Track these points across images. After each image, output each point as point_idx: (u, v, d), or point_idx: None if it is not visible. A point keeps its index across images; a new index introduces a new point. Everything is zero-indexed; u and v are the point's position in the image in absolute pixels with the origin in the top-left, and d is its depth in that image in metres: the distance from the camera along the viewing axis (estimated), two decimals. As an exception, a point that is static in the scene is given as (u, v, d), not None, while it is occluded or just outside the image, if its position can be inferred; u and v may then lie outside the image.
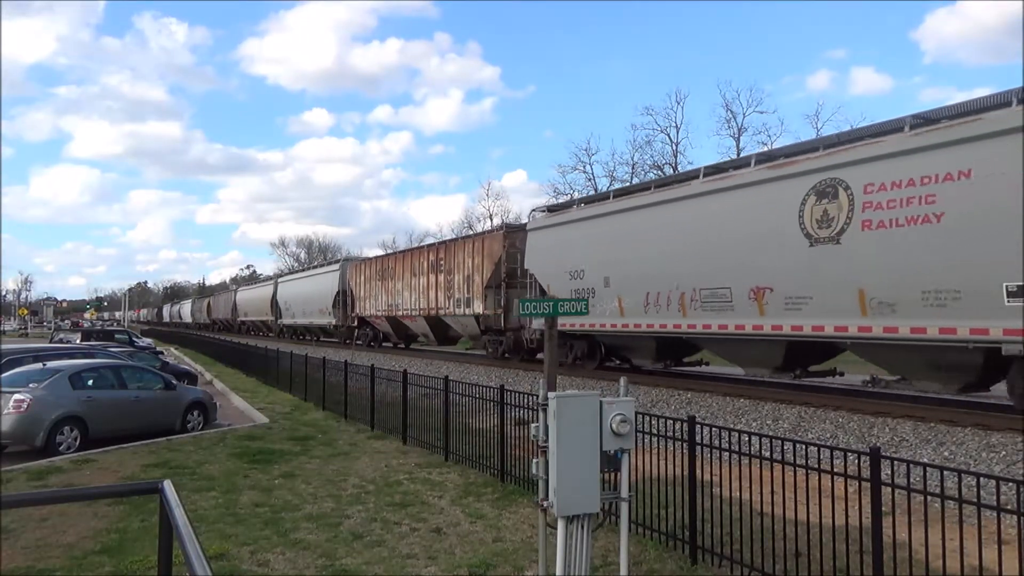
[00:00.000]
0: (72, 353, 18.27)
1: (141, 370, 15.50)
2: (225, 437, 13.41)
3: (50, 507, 7.98)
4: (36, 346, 23.07)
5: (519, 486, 9.21)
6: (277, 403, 18.79)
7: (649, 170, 55.43)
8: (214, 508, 8.50)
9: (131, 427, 13.50)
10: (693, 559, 6.59)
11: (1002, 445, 9.99)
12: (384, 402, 14.12)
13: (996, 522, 5.07)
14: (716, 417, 13.21)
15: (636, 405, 5.60)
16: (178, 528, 2.59)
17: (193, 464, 10.96)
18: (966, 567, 4.78)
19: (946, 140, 11.12)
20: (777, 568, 5.92)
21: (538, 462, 5.29)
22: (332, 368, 17.35)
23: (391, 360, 26.87)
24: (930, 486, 5.08)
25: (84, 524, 7.78)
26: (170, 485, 2.99)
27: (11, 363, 14.84)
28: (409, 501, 8.80)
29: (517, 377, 19.89)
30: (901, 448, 10.56)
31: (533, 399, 8.58)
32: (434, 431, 11.77)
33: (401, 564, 6.66)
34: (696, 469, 6.74)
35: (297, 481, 9.92)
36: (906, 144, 11.67)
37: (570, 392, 5.32)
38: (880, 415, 12.21)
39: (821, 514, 5.58)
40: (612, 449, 5.18)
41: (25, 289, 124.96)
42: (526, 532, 7.45)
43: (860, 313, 12.26)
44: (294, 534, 7.52)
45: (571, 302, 7.39)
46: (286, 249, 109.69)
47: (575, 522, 5.09)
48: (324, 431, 14.21)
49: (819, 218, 12.87)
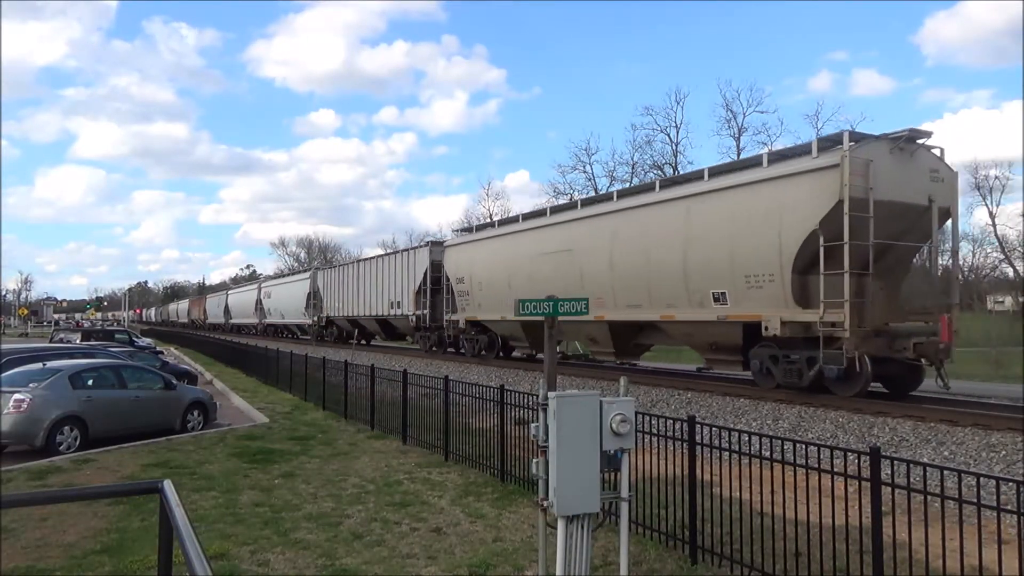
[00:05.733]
0: (72, 353, 18.26)
1: (141, 370, 15.49)
2: (225, 437, 13.41)
3: (50, 507, 7.98)
4: (36, 346, 23.06)
5: (519, 486, 9.21)
6: (277, 403, 18.79)
7: (649, 170, 55.44)
8: (214, 508, 8.49)
9: (131, 427, 13.50)
10: (693, 559, 6.59)
11: (1002, 445, 9.99)
12: (384, 402, 14.12)
13: (996, 522, 5.07)
14: (716, 417, 13.21)
15: (636, 405, 5.60)
16: (178, 528, 2.59)
17: (193, 464, 10.96)
18: (966, 567, 4.78)
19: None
20: (777, 568, 5.92)
21: (538, 462, 5.29)
22: (332, 368, 17.35)
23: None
24: (930, 486, 5.08)
25: (84, 524, 7.78)
26: (170, 485, 2.99)
27: (11, 363, 14.84)
28: (409, 501, 8.80)
29: (517, 377, 19.91)
30: (901, 448, 10.56)
31: (533, 399, 8.59)
32: (434, 431, 11.76)
33: (401, 564, 6.66)
34: (696, 469, 6.74)
35: (297, 481, 9.92)
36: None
37: (570, 392, 5.31)
38: (880, 415, 12.20)
39: (821, 514, 5.58)
40: (612, 449, 5.18)
41: (25, 289, 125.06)
42: (526, 532, 7.45)
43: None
44: (294, 534, 7.52)
45: (571, 302, 7.39)
46: (286, 249, 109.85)
47: (575, 522, 5.08)
48: (324, 431, 14.21)
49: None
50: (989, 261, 72.53)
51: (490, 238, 24.53)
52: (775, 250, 13.78)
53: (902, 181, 13.36)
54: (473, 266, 24.76)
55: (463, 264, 25.38)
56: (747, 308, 14.44)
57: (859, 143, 13.22)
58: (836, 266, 12.68)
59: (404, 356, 29.08)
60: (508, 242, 23.16)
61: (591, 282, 18.61)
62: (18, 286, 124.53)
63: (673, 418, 7.17)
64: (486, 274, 23.92)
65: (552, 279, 19.70)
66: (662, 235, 16.51)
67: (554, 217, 21.48)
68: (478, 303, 24.45)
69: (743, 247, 14.42)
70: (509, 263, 22.62)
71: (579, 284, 18.85)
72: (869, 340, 13.02)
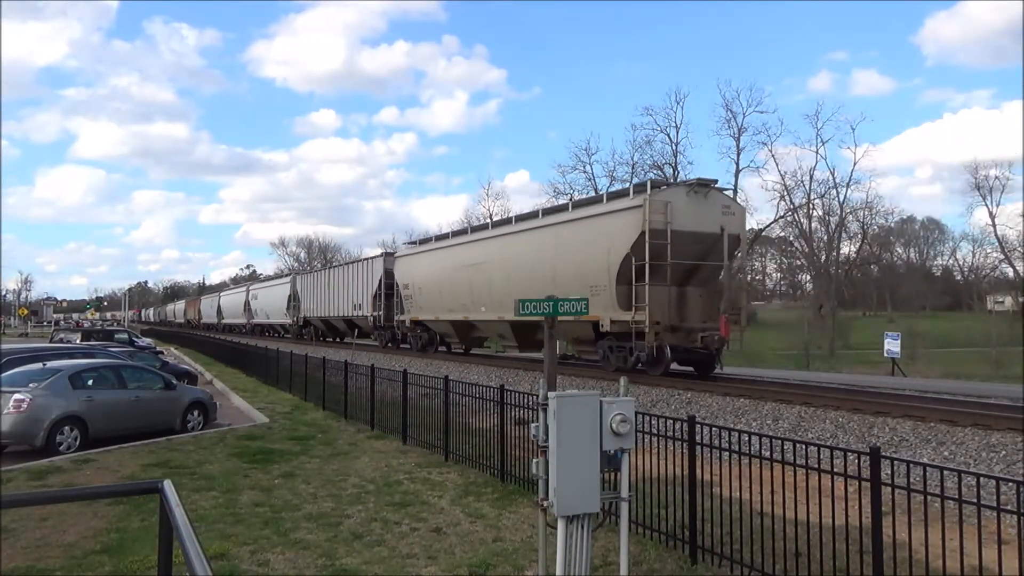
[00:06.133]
0: (72, 353, 18.26)
1: (141, 370, 15.48)
2: (225, 437, 13.41)
3: (50, 507, 7.98)
4: (36, 346, 23.05)
5: (519, 486, 9.21)
6: (277, 403, 18.79)
7: (649, 169, 55.50)
8: (214, 508, 8.49)
9: (131, 427, 13.49)
10: (693, 559, 6.59)
11: (1002, 445, 9.99)
12: (384, 402, 14.12)
13: (996, 522, 5.07)
14: (716, 417, 13.20)
15: (636, 405, 5.60)
16: (178, 528, 2.58)
17: (193, 464, 10.95)
18: (966, 567, 4.78)
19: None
20: (777, 568, 5.92)
21: (538, 462, 5.29)
22: (332, 368, 17.35)
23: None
24: (930, 486, 5.08)
25: (84, 524, 7.78)
26: (170, 485, 2.99)
27: (11, 363, 14.83)
28: (409, 501, 8.80)
29: (517, 377, 19.93)
30: (901, 448, 10.56)
31: (533, 399, 8.59)
32: (434, 431, 11.76)
33: (401, 564, 6.66)
34: (696, 469, 6.74)
35: (297, 481, 9.92)
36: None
37: (570, 392, 5.31)
38: (880, 415, 12.21)
39: (821, 514, 5.58)
40: (612, 449, 5.18)
41: (25, 289, 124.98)
42: (526, 532, 7.45)
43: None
44: (294, 534, 7.52)
45: (571, 302, 7.40)
46: (286, 249, 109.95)
47: (575, 522, 5.08)
48: (324, 431, 14.21)
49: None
50: (989, 261, 72.67)
51: (428, 251, 28.99)
52: (605, 267, 18.16)
53: (698, 216, 17.73)
54: (415, 275, 29.14)
55: (408, 273, 29.84)
56: (592, 311, 17.29)
57: (661, 189, 18.15)
58: (642, 279, 17.14)
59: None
60: (440, 255, 27.52)
61: (496, 290, 22.83)
62: (18, 286, 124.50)
63: (673, 418, 7.16)
64: (425, 281, 28.31)
65: (470, 287, 24.45)
66: (540, 253, 20.95)
67: (473, 236, 26.14)
68: (420, 306, 28.87)
69: (588, 263, 18.80)
70: (440, 273, 26.98)
71: (488, 292, 23.37)
72: (668, 334, 17.43)
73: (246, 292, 61.96)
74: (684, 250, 17.30)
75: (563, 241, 19.97)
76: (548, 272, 20.24)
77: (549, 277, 20.04)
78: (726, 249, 17.86)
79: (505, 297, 21.86)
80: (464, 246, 25.97)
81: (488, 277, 23.45)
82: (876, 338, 34.85)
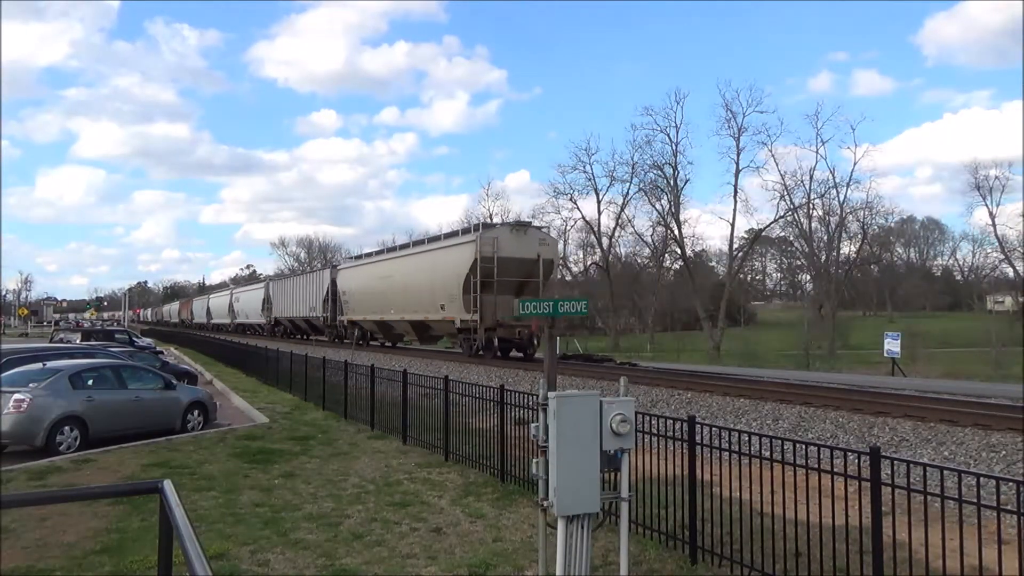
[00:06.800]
0: (72, 353, 18.25)
1: (141, 370, 15.47)
2: (225, 437, 13.41)
3: (50, 507, 7.96)
4: (36, 346, 23.05)
5: (519, 486, 9.21)
6: (277, 403, 18.79)
7: (649, 170, 55.54)
8: (214, 508, 8.49)
9: (131, 427, 13.48)
10: (693, 559, 6.59)
11: (1002, 445, 10.00)
12: (384, 402, 14.12)
13: (996, 522, 5.07)
14: (716, 417, 13.21)
15: (636, 405, 5.60)
16: (178, 528, 2.59)
17: (193, 464, 10.95)
18: (966, 567, 4.78)
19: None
20: (777, 568, 5.92)
21: (538, 462, 5.28)
22: (332, 368, 17.35)
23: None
24: (930, 486, 5.08)
25: (84, 524, 7.78)
26: (170, 485, 2.99)
27: (11, 363, 14.82)
28: (409, 501, 8.80)
29: (517, 377, 19.93)
30: (901, 448, 10.56)
31: (533, 399, 8.58)
32: (434, 431, 11.76)
33: (401, 564, 6.66)
34: (696, 469, 6.74)
35: (297, 481, 9.92)
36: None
37: (570, 392, 5.31)
38: (880, 415, 12.21)
39: (821, 514, 5.58)
40: (612, 449, 5.18)
41: (25, 289, 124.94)
42: (526, 532, 7.45)
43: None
44: (294, 534, 7.52)
45: (571, 302, 7.44)
46: (286, 249, 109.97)
47: (575, 522, 5.08)
48: (324, 431, 14.21)
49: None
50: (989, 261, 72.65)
51: (360, 265, 37.68)
52: (456, 282, 25.94)
53: (520, 246, 25.67)
54: (351, 284, 37.43)
55: (347, 282, 38.15)
56: (450, 313, 26.85)
57: (490, 228, 27.17)
58: (476, 291, 24.93)
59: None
60: (368, 269, 35.84)
61: (398, 296, 31.03)
62: (18, 286, 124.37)
63: (673, 418, 7.16)
64: (356, 289, 36.56)
65: (384, 295, 32.47)
66: (420, 272, 29.29)
67: (387, 255, 35.34)
68: (353, 308, 37.21)
69: (449, 279, 26.67)
70: (367, 283, 35.11)
71: (394, 298, 31.38)
72: (496, 329, 25.14)
73: (230, 295, 70.02)
74: (510, 270, 25.13)
75: (435, 263, 28.14)
76: (427, 284, 28.44)
77: (427, 288, 28.36)
78: (541, 269, 25.69)
79: (404, 302, 30.48)
80: (381, 263, 34.55)
81: (393, 287, 31.63)
82: (876, 338, 34.92)
